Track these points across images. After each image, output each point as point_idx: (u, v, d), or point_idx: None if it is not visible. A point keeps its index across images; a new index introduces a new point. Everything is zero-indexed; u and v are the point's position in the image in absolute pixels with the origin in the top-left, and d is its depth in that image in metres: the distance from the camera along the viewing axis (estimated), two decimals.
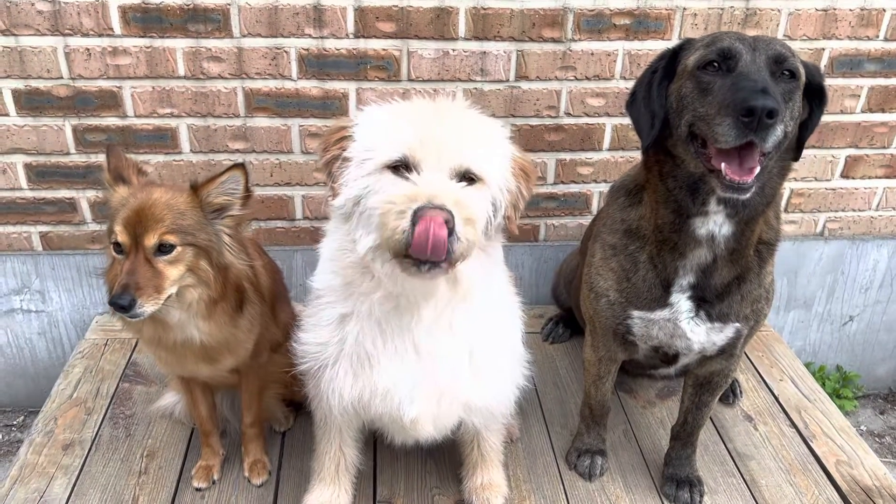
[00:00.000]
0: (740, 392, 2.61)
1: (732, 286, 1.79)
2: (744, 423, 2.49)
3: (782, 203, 3.04)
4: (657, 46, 2.65)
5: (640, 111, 1.71)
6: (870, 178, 3.04)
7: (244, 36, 2.52)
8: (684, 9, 2.61)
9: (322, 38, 2.55)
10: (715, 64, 1.56)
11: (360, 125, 1.55)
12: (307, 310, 1.82)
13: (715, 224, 1.69)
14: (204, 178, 1.74)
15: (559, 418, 2.49)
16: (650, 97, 1.68)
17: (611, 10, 2.59)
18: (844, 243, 3.18)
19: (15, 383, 3.13)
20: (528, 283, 3.11)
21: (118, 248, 1.67)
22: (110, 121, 2.62)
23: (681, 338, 1.85)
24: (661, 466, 2.26)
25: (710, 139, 1.53)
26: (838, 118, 2.89)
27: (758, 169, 1.51)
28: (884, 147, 2.98)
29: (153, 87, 2.59)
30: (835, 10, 2.67)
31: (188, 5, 2.45)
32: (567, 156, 2.87)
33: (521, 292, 1.95)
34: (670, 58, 1.69)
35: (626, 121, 1.79)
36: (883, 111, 2.89)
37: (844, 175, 3.03)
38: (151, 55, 2.53)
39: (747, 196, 1.55)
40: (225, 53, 2.54)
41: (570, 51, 2.65)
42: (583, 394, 2.26)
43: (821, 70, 1.67)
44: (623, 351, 2.04)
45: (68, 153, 2.67)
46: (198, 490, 2.14)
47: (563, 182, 2.92)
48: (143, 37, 2.49)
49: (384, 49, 2.59)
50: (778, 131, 1.47)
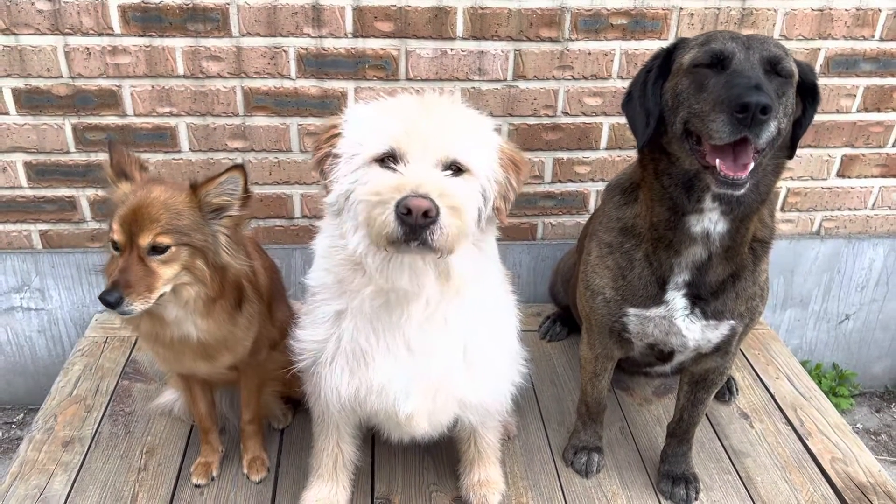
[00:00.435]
0: (736, 390, 2.62)
1: (727, 284, 1.81)
2: (740, 421, 2.51)
3: (779, 202, 3.06)
4: (654, 46, 2.66)
5: (636, 110, 1.72)
6: (866, 177, 3.06)
7: (243, 35, 2.53)
8: (681, 9, 2.63)
9: (321, 37, 2.56)
10: (709, 62, 1.57)
11: (348, 122, 1.56)
12: (304, 307, 1.83)
13: (710, 221, 1.70)
14: (203, 178, 1.74)
15: (556, 415, 2.51)
16: (645, 96, 1.70)
17: (608, 10, 2.61)
18: (840, 242, 3.19)
19: (15, 381, 3.15)
20: (525, 281, 3.12)
21: (115, 245, 1.69)
22: (110, 119, 2.63)
23: (676, 335, 1.86)
24: (657, 463, 2.27)
25: (704, 136, 1.55)
26: (834, 117, 2.91)
27: (752, 165, 1.53)
28: (879, 146, 2.99)
29: (153, 86, 2.60)
30: (830, 10, 2.68)
31: (187, 5, 2.46)
32: (564, 155, 2.88)
33: (518, 291, 1.97)
34: (665, 57, 1.71)
35: (623, 120, 1.81)
36: (878, 111, 2.91)
37: (840, 174, 3.04)
38: (151, 54, 2.54)
39: (741, 192, 1.56)
40: (224, 53, 2.56)
41: (568, 50, 2.67)
42: (579, 391, 2.27)
43: (814, 69, 1.69)
44: (619, 348, 2.05)
45: (68, 152, 2.68)
46: (197, 486, 2.15)
47: (560, 181, 2.93)
48: (142, 36, 2.51)
49: (382, 48, 2.60)
50: (771, 127, 1.48)
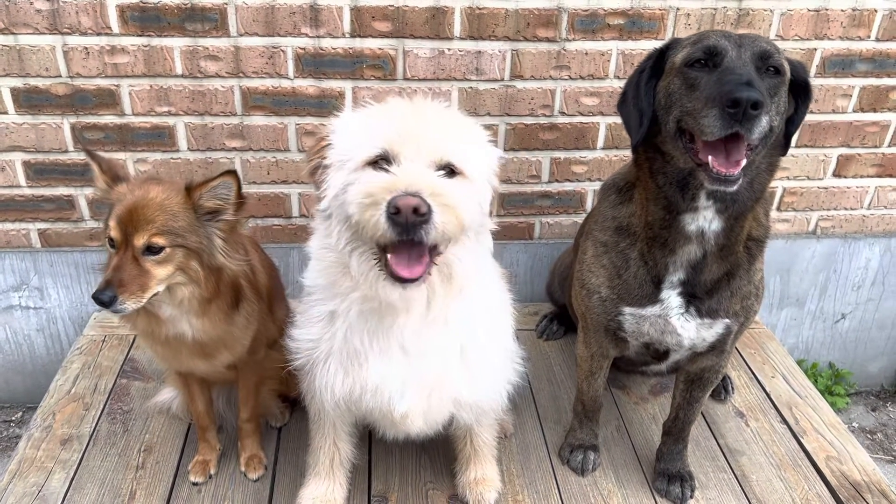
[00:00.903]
0: (732, 388, 2.63)
1: (722, 282, 1.82)
2: (735, 420, 2.52)
3: (775, 201, 3.07)
4: (651, 46, 2.66)
5: (630, 110, 1.74)
6: (862, 176, 3.07)
7: (241, 35, 2.54)
8: (678, 9, 2.64)
9: (318, 37, 2.57)
10: (701, 61, 1.59)
11: (337, 131, 1.56)
12: (300, 306, 1.84)
13: (705, 220, 1.71)
14: (199, 180, 1.74)
15: (553, 414, 2.52)
16: (639, 95, 1.71)
17: (605, 11, 2.62)
18: (837, 242, 3.20)
19: (13, 379, 3.15)
20: (522, 280, 3.13)
21: (111, 243, 1.70)
22: (108, 119, 2.64)
23: (671, 334, 1.87)
24: (653, 462, 2.28)
25: (697, 133, 1.56)
26: (830, 117, 2.92)
27: (744, 161, 1.54)
28: (875, 146, 3.00)
29: (151, 86, 2.61)
30: (827, 10, 2.69)
31: (186, 4, 2.47)
32: (561, 154, 2.89)
33: (515, 290, 1.98)
34: (657, 57, 1.72)
35: (620, 120, 1.82)
36: (874, 111, 2.92)
37: (836, 174, 3.05)
38: (149, 54, 2.54)
39: (734, 188, 1.57)
40: (222, 52, 2.56)
41: (565, 50, 2.68)
42: (576, 389, 2.28)
43: (805, 66, 1.70)
44: (614, 347, 2.06)
45: (66, 151, 2.69)
46: (194, 484, 2.16)
47: (557, 180, 2.94)
48: (140, 36, 2.51)
49: (380, 48, 2.61)
50: (763, 122, 1.49)
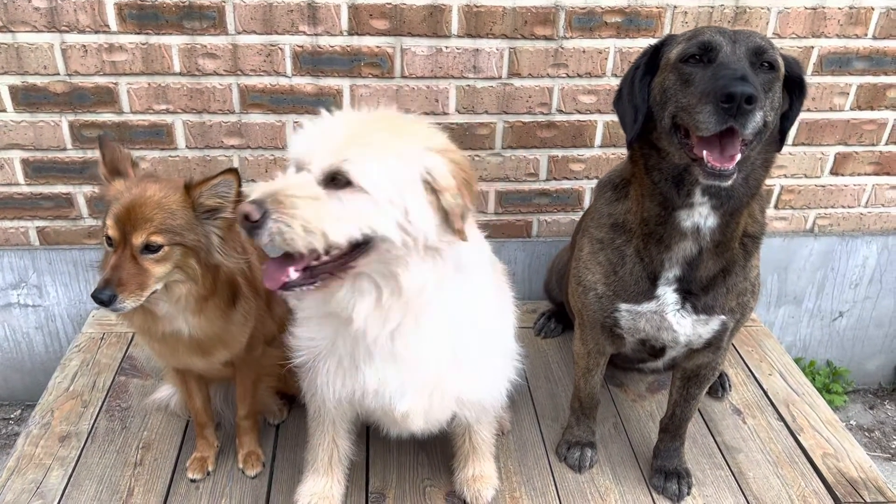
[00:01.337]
0: (729, 386, 2.63)
1: (718, 279, 1.82)
2: (732, 417, 2.52)
3: (772, 200, 3.07)
4: (648, 44, 2.67)
5: (625, 106, 1.74)
6: (859, 174, 3.08)
7: (239, 33, 2.55)
8: (675, 7, 2.64)
9: (316, 35, 2.57)
10: (696, 56, 1.59)
11: (294, 136, 1.55)
12: (300, 304, 1.84)
13: (700, 216, 1.71)
14: (198, 178, 1.74)
15: (550, 411, 2.52)
16: (634, 91, 1.71)
17: (602, 8, 2.62)
18: (834, 240, 3.21)
19: (12, 377, 3.16)
20: (520, 278, 3.14)
21: (109, 242, 1.70)
22: (106, 117, 2.65)
23: (667, 330, 1.88)
24: (650, 459, 2.29)
25: (692, 128, 1.56)
26: (827, 115, 2.92)
27: (739, 156, 1.54)
28: (872, 144, 3.01)
29: (149, 84, 2.61)
30: (824, 8, 2.70)
31: (184, 2, 2.48)
32: (559, 152, 2.90)
33: (514, 288, 1.98)
34: (652, 54, 1.73)
35: (617, 118, 1.83)
36: (871, 109, 2.93)
37: (834, 172, 3.06)
38: (147, 52, 2.55)
39: (729, 183, 1.58)
40: (220, 50, 2.57)
41: (562, 48, 2.68)
42: (573, 387, 2.29)
43: (800, 62, 1.71)
44: (611, 344, 2.07)
45: (65, 149, 2.69)
46: (192, 481, 2.16)
47: (555, 178, 2.95)
48: (138, 33, 2.52)
49: (378, 46, 2.61)
50: (757, 117, 1.50)
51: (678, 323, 1.85)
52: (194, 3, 2.48)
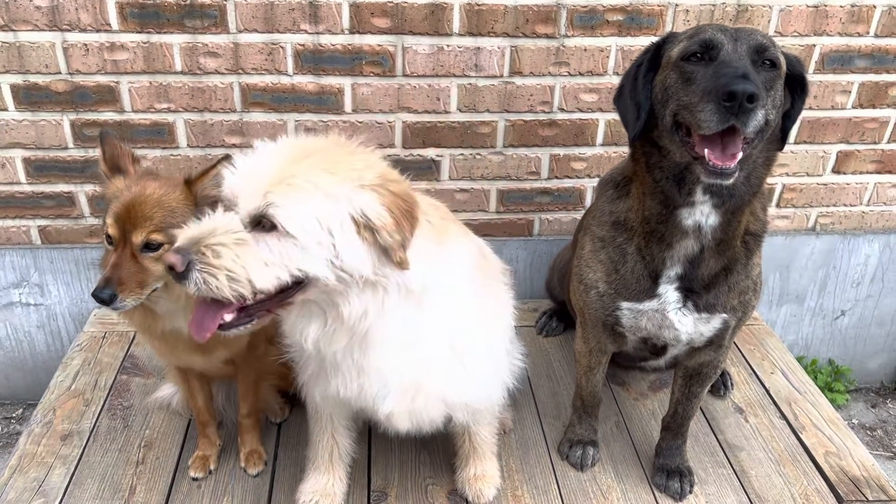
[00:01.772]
0: (731, 384, 2.63)
1: (720, 277, 1.82)
2: (734, 415, 2.52)
3: (774, 198, 3.07)
4: (650, 42, 2.67)
5: (627, 104, 1.74)
6: (861, 173, 3.07)
7: (240, 32, 2.55)
8: (676, 5, 2.64)
9: (317, 33, 2.57)
10: (697, 54, 1.58)
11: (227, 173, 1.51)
12: None
13: (701, 214, 1.71)
14: (198, 172, 1.74)
15: (552, 410, 2.52)
16: (636, 89, 1.71)
17: (604, 7, 2.62)
18: (836, 238, 3.20)
19: (14, 376, 3.16)
20: (522, 277, 3.14)
21: (109, 240, 1.70)
22: (108, 115, 2.65)
23: (669, 328, 1.87)
24: (652, 457, 2.29)
25: (693, 126, 1.56)
26: (829, 114, 2.92)
27: (740, 154, 1.54)
28: (874, 142, 3.00)
29: (150, 82, 2.61)
30: (826, 6, 2.69)
31: (185, 1, 2.48)
32: (561, 151, 2.89)
33: (515, 287, 1.98)
34: (654, 51, 1.72)
35: (618, 116, 1.83)
36: (873, 107, 2.92)
37: (836, 170, 3.06)
38: (148, 50, 2.55)
39: (730, 182, 1.57)
40: (221, 49, 2.57)
41: (564, 47, 2.68)
42: (575, 385, 2.28)
43: (801, 60, 1.70)
44: (613, 342, 2.07)
45: (66, 148, 2.69)
46: (194, 480, 2.16)
47: (556, 177, 2.95)
48: (140, 32, 2.52)
49: (379, 45, 2.61)
50: (759, 116, 1.49)
51: (680, 321, 1.85)
52: (195, 1, 2.48)
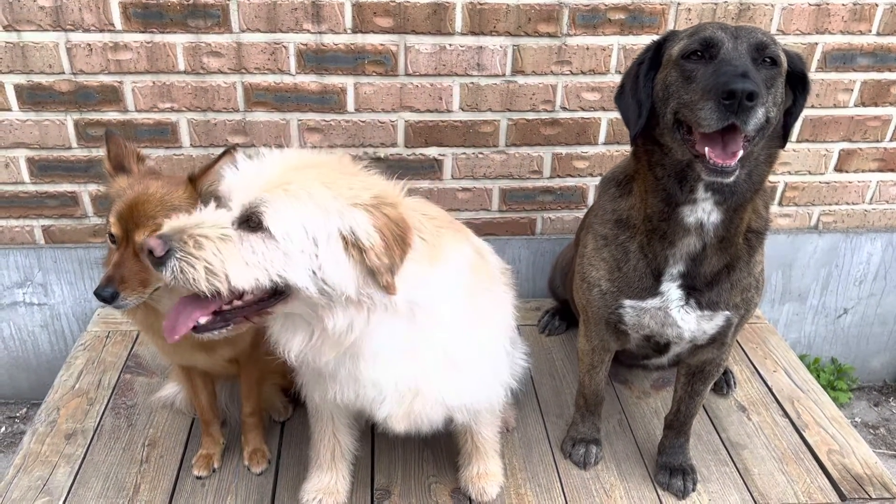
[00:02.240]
0: (734, 383, 2.63)
1: (722, 274, 1.82)
2: (737, 414, 2.52)
3: (776, 196, 3.07)
4: (651, 40, 2.67)
5: (628, 101, 1.74)
6: (863, 171, 3.07)
7: (243, 31, 2.55)
8: (678, 4, 2.64)
9: (320, 33, 2.58)
10: (698, 53, 1.59)
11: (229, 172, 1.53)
12: None
13: (703, 212, 1.71)
14: (201, 168, 1.74)
15: (555, 408, 2.52)
16: (637, 87, 1.71)
17: (606, 6, 2.62)
18: (838, 236, 3.20)
19: (18, 376, 3.17)
20: (524, 276, 3.14)
21: (112, 239, 1.70)
22: (111, 115, 2.66)
23: (671, 326, 1.88)
24: (655, 455, 2.29)
25: (694, 124, 1.56)
26: (832, 112, 2.92)
27: (741, 153, 1.54)
28: (877, 140, 3.00)
29: (153, 82, 2.62)
30: (828, 4, 2.69)
31: (188, 1, 2.48)
32: (563, 150, 2.90)
33: (518, 285, 1.98)
34: (655, 49, 1.73)
35: (619, 114, 1.83)
36: (876, 105, 2.92)
37: (838, 168, 3.05)
38: (152, 50, 2.56)
39: (731, 180, 1.58)
40: (224, 49, 2.57)
41: (566, 46, 2.68)
42: (577, 384, 2.29)
43: (803, 58, 1.70)
44: (615, 340, 2.07)
45: (70, 147, 2.70)
46: (198, 478, 2.17)
47: (559, 176, 2.95)
48: (143, 32, 2.52)
49: (382, 44, 2.61)
50: (759, 114, 1.50)
51: (682, 319, 1.85)
52: (198, 1, 2.49)
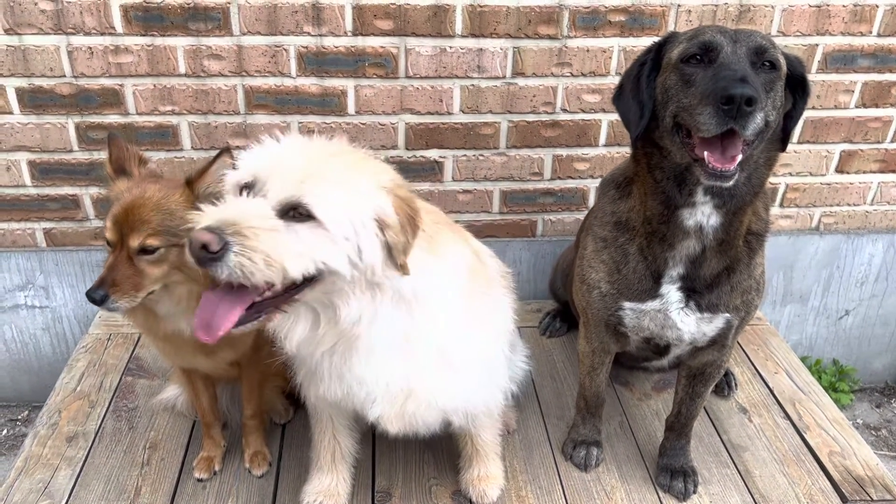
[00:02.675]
0: (735, 385, 2.63)
1: (722, 277, 1.82)
2: (738, 415, 2.52)
3: (777, 198, 3.07)
4: (652, 42, 2.68)
5: (629, 103, 1.74)
6: (864, 172, 3.07)
7: (244, 34, 2.56)
8: (678, 5, 2.64)
9: (321, 35, 2.58)
10: (697, 57, 1.59)
11: (246, 156, 1.50)
12: None
13: (703, 215, 1.71)
14: (198, 170, 1.73)
15: (556, 410, 2.52)
16: (639, 88, 1.71)
17: (606, 7, 2.62)
18: (840, 238, 3.20)
19: (19, 378, 3.17)
20: (525, 277, 3.14)
21: (108, 242, 1.70)
22: (112, 118, 2.66)
23: (671, 328, 1.87)
24: (656, 457, 2.28)
25: (693, 128, 1.56)
26: (832, 113, 2.92)
27: (740, 157, 1.54)
28: (878, 142, 3.00)
29: (154, 85, 2.62)
30: (828, 6, 2.69)
31: (189, 4, 2.49)
32: (563, 151, 2.90)
33: (518, 287, 1.98)
34: (656, 51, 1.73)
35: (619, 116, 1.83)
36: (877, 106, 2.92)
37: (839, 170, 3.05)
38: (153, 53, 2.56)
39: (730, 184, 1.58)
40: (225, 51, 2.58)
41: (566, 47, 2.68)
42: (578, 386, 2.29)
43: (802, 61, 1.70)
44: (615, 342, 2.07)
45: (71, 150, 2.71)
46: (199, 481, 2.17)
47: (559, 178, 2.95)
48: (144, 35, 2.53)
49: (382, 46, 2.62)
50: (757, 119, 1.50)
51: (682, 321, 1.85)
52: (199, 4, 2.49)
